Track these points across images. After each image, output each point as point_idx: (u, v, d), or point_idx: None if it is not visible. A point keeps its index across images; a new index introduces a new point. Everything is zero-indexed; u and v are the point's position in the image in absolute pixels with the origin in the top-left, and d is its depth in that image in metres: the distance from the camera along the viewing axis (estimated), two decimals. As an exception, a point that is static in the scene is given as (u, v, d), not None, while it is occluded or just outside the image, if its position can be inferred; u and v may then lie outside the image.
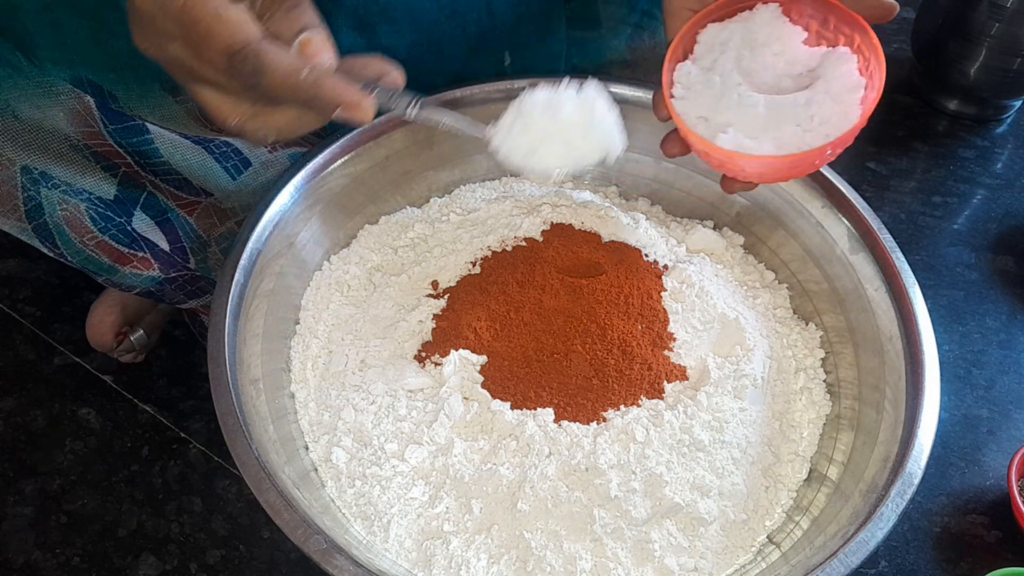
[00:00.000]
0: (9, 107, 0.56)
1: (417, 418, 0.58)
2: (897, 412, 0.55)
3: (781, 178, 0.53)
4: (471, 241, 0.67)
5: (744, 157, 0.49)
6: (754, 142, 0.50)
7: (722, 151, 0.50)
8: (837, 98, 0.50)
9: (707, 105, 0.51)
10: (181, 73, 0.43)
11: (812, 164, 0.51)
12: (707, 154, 0.52)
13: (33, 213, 0.61)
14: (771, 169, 0.51)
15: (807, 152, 0.49)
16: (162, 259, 0.67)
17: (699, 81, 0.52)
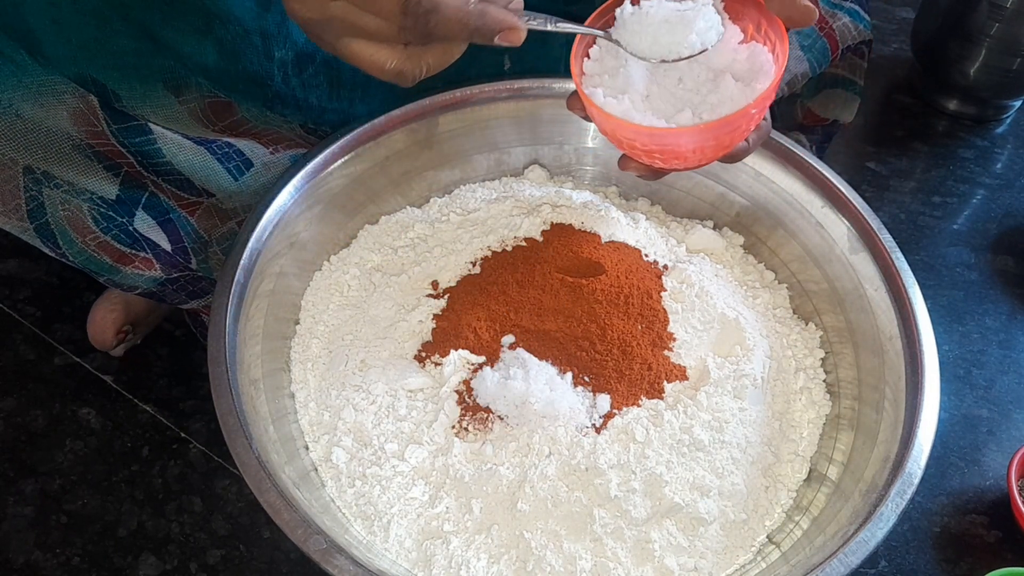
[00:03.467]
0: (12, 106, 0.56)
1: (417, 418, 0.58)
2: (897, 412, 0.55)
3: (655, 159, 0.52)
4: (471, 241, 0.67)
5: (618, 122, 0.50)
6: (641, 115, 0.51)
7: (603, 114, 0.50)
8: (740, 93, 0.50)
9: (611, 71, 0.52)
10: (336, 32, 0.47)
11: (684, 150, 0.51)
12: (594, 117, 0.53)
13: (35, 213, 0.61)
14: (642, 142, 0.51)
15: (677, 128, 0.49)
16: (164, 259, 0.67)
17: (615, 49, 0.53)
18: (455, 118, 0.70)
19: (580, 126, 0.73)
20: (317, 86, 0.67)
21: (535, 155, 0.75)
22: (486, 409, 0.57)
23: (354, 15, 0.46)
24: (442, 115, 0.69)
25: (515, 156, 0.74)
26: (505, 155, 0.74)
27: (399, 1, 0.45)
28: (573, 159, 0.75)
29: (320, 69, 0.66)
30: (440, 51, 0.49)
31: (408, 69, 0.49)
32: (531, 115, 0.71)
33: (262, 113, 0.67)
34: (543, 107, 0.71)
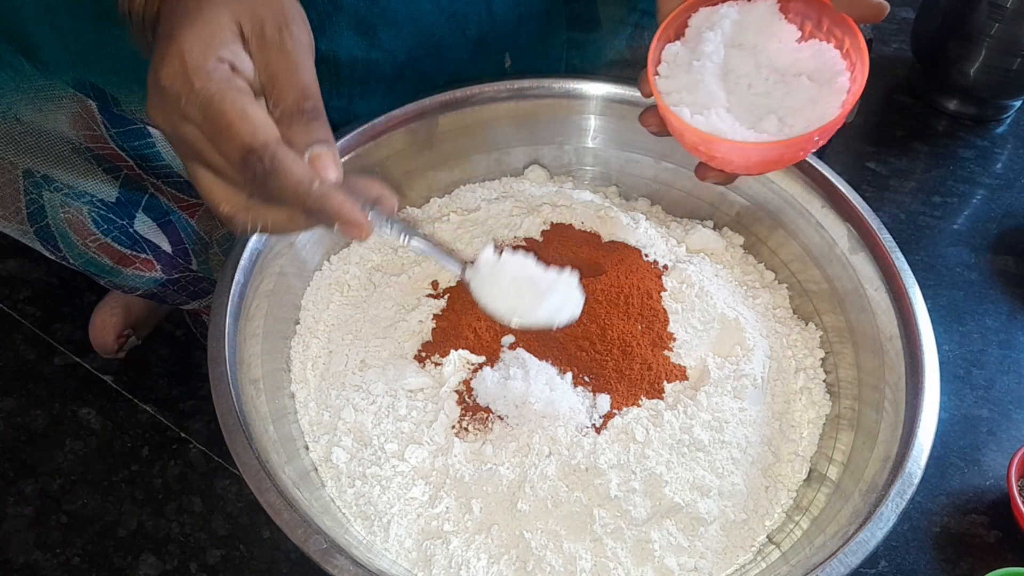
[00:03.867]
0: (12, 110, 0.56)
1: (417, 418, 0.58)
2: (897, 412, 0.55)
3: (753, 167, 0.53)
4: (471, 241, 0.67)
5: (718, 140, 0.49)
6: (730, 128, 0.50)
7: (697, 132, 0.49)
8: (819, 94, 0.50)
9: (689, 87, 0.52)
10: (185, 152, 0.44)
11: (782, 157, 0.51)
12: (682, 134, 0.52)
13: (35, 216, 0.61)
14: (742, 156, 0.50)
15: (778, 142, 0.49)
16: (164, 260, 0.67)
17: (685, 63, 0.52)
18: (455, 118, 0.70)
19: (580, 126, 0.73)
20: None
21: (535, 155, 0.75)
22: (486, 409, 0.57)
23: (202, 145, 0.42)
24: (442, 115, 0.69)
25: (515, 156, 0.74)
26: (505, 155, 0.74)
27: (240, 152, 0.41)
28: (573, 159, 0.75)
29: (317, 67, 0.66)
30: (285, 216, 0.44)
31: (240, 219, 0.45)
32: (531, 115, 0.71)
33: None
34: (543, 107, 0.71)
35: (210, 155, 0.42)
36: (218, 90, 0.41)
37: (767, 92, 0.51)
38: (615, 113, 0.71)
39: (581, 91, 0.70)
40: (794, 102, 0.50)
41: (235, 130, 0.41)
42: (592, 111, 0.71)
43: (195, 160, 0.44)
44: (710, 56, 0.51)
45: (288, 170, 0.41)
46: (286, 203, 0.42)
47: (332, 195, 0.42)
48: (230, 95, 0.41)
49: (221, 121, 0.41)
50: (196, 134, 0.42)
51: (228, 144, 0.41)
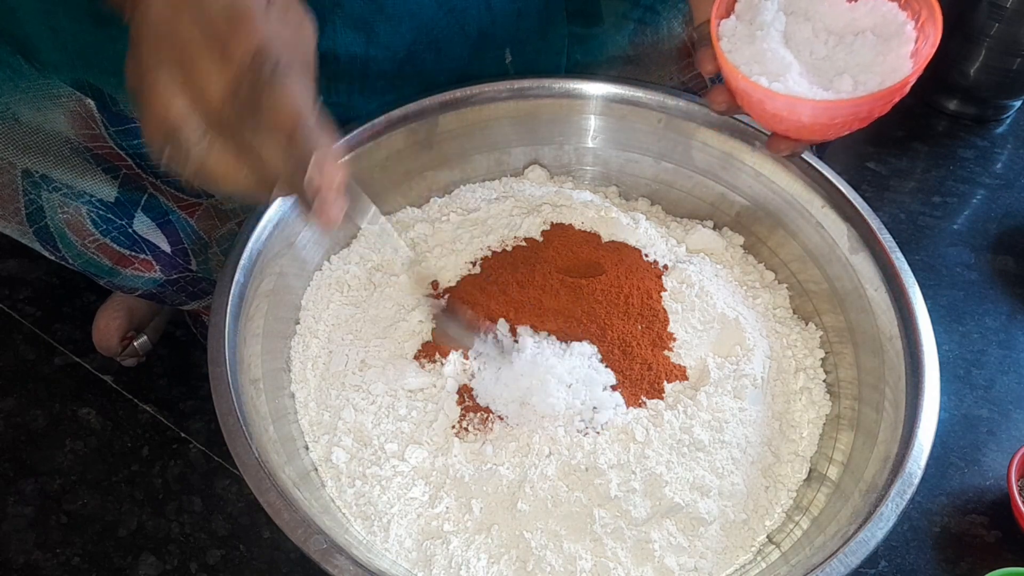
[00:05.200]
0: (10, 110, 0.56)
1: (417, 418, 0.58)
2: (897, 412, 0.55)
3: (833, 129, 0.53)
4: (471, 241, 0.67)
5: (805, 102, 0.49)
6: (809, 90, 0.50)
7: (784, 98, 0.50)
8: (886, 47, 0.51)
9: (757, 58, 0.52)
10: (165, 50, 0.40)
11: (871, 112, 0.51)
12: (762, 104, 0.52)
13: (34, 216, 0.61)
14: (827, 115, 0.50)
15: (868, 95, 0.49)
16: (163, 261, 0.67)
17: (745, 35, 0.53)
18: (455, 118, 0.70)
19: (580, 126, 0.73)
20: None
21: (535, 155, 0.75)
22: (486, 409, 0.57)
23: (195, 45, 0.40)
24: (442, 115, 0.69)
25: (515, 156, 0.74)
26: (505, 155, 0.74)
27: (255, 50, 0.39)
28: (573, 159, 0.75)
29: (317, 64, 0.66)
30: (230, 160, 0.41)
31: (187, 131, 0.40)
32: (531, 115, 0.71)
33: None
34: (543, 107, 0.71)
35: (199, 56, 0.40)
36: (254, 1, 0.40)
37: (829, 55, 0.52)
38: (615, 113, 0.71)
39: (581, 91, 0.70)
40: (862, 59, 0.51)
41: (261, 30, 0.39)
42: (592, 111, 0.71)
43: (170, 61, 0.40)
44: (772, 24, 0.52)
45: (297, 82, 0.40)
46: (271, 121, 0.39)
47: (323, 133, 0.40)
48: (261, 6, 0.40)
49: (248, 19, 0.39)
50: (195, 32, 0.40)
51: (246, 39, 0.39)
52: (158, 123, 0.41)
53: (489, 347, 0.59)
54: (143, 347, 0.83)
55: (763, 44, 0.51)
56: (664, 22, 0.73)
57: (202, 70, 0.40)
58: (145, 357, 0.84)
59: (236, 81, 0.40)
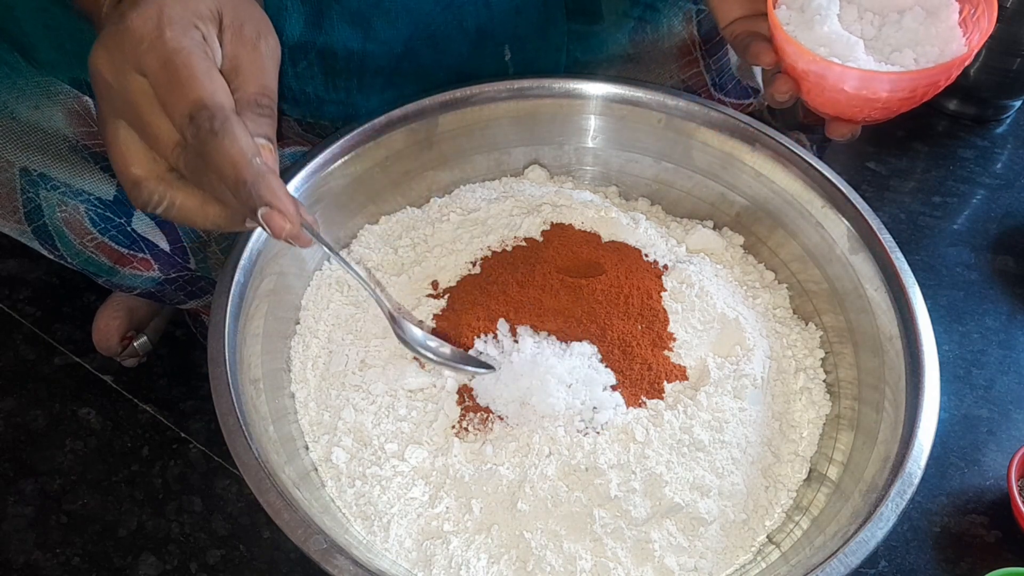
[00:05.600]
0: (7, 108, 0.56)
1: (417, 418, 0.58)
2: (897, 412, 0.55)
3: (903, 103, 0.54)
4: (471, 241, 0.67)
5: (880, 76, 0.50)
6: (878, 67, 0.52)
7: (865, 74, 0.50)
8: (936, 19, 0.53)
9: (822, 42, 0.53)
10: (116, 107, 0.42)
11: (944, 81, 0.52)
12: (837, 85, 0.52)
13: (32, 215, 0.61)
14: (907, 89, 0.51)
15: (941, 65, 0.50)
16: (162, 260, 0.67)
17: (801, 23, 0.54)
18: (455, 118, 0.69)
19: (580, 126, 0.73)
20: (312, 77, 0.67)
21: (535, 155, 0.75)
22: (486, 409, 0.57)
23: (142, 99, 0.41)
24: (442, 115, 0.69)
25: (515, 156, 0.74)
26: (505, 155, 0.74)
27: (193, 106, 0.40)
28: (573, 159, 0.75)
29: (314, 61, 0.66)
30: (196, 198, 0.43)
31: (148, 188, 0.42)
32: (531, 115, 0.71)
33: None
34: (543, 107, 0.71)
35: (147, 111, 0.41)
36: (188, 46, 0.41)
37: (878, 35, 0.54)
38: (615, 113, 0.71)
39: (581, 91, 0.70)
40: (914, 35, 0.53)
41: (195, 85, 0.40)
42: (592, 111, 0.71)
43: (122, 116, 0.42)
44: (827, 8, 0.53)
45: (236, 135, 0.40)
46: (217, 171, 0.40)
47: (271, 176, 0.41)
48: (198, 54, 0.41)
49: (183, 73, 0.40)
50: (142, 87, 0.41)
51: (181, 96, 0.40)
52: (122, 175, 0.43)
53: (489, 348, 0.59)
54: (143, 347, 0.83)
55: (824, 27, 0.52)
56: (664, 20, 0.73)
57: (153, 127, 0.41)
58: (145, 357, 0.84)
59: (181, 135, 0.41)
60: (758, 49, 0.55)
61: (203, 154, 0.40)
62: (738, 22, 0.57)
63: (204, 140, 0.40)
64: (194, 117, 0.40)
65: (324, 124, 0.72)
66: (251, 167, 0.40)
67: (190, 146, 0.41)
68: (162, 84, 0.40)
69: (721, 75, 0.77)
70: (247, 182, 0.40)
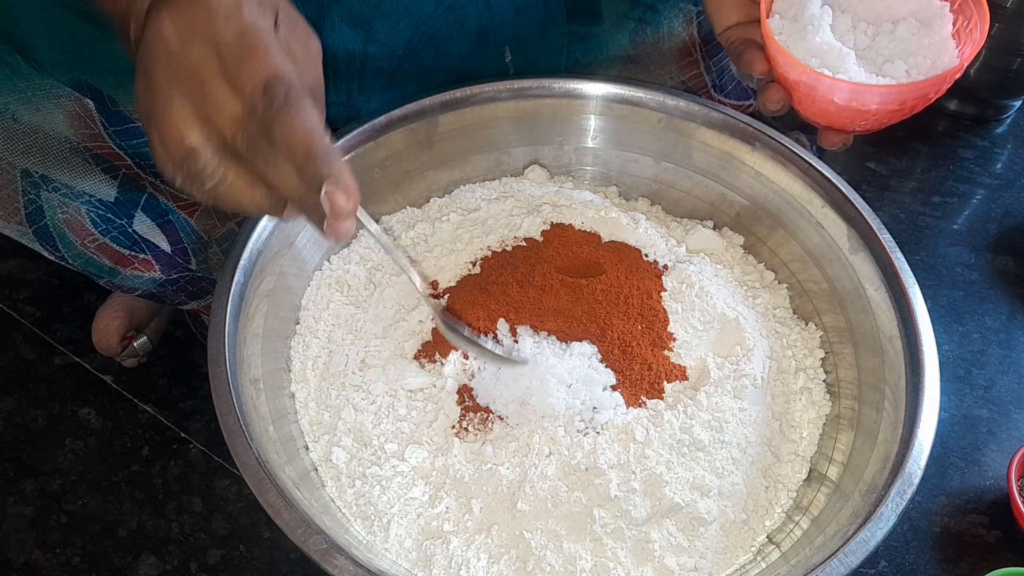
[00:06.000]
0: (8, 110, 0.56)
1: (417, 418, 0.58)
2: (897, 412, 0.55)
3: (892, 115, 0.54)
4: (471, 241, 0.67)
5: (870, 88, 0.50)
6: (869, 78, 0.52)
7: (855, 86, 0.50)
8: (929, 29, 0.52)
9: (814, 52, 0.53)
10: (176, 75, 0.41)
11: (933, 94, 0.52)
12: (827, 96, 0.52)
13: (34, 216, 0.61)
14: (897, 101, 0.51)
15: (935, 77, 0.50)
16: (163, 260, 0.67)
17: (794, 32, 0.54)
18: (455, 118, 0.70)
19: (580, 126, 0.73)
20: None
21: (535, 155, 0.75)
22: (486, 409, 0.57)
23: (208, 71, 0.40)
24: (442, 115, 0.69)
25: (515, 156, 0.74)
26: (505, 155, 0.74)
27: (268, 78, 0.39)
28: (573, 159, 0.75)
29: None
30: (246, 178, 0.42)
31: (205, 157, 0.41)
32: (531, 115, 0.71)
33: None
34: (543, 107, 0.71)
35: (211, 81, 0.40)
36: (264, 26, 0.41)
37: (870, 46, 0.54)
38: (615, 113, 0.71)
39: (581, 91, 0.70)
40: (906, 45, 0.52)
41: (272, 58, 0.40)
42: (592, 111, 0.71)
43: (180, 86, 0.41)
44: (820, 18, 0.53)
45: (310, 109, 0.40)
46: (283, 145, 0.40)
47: (339, 156, 0.41)
48: (271, 34, 0.41)
49: (259, 47, 0.40)
50: (209, 58, 0.40)
51: (257, 67, 0.40)
52: (173, 149, 0.42)
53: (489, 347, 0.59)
54: (143, 347, 0.83)
55: (816, 38, 0.52)
56: (664, 21, 0.73)
57: (214, 98, 0.40)
58: (145, 357, 0.84)
59: (248, 110, 0.40)
60: (751, 57, 0.55)
61: (273, 126, 0.40)
62: (734, 28, 0.57)
63: (277, 111, 0.39)
64: (269, 88, 0.39)
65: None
66: (322, 141, 0.40)
67: (259, 118, 0.40)
68: (234, 55, 0.40)
69: (721, 76, 0.77)
70: (318, 156, 0.40)
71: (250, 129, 0.40)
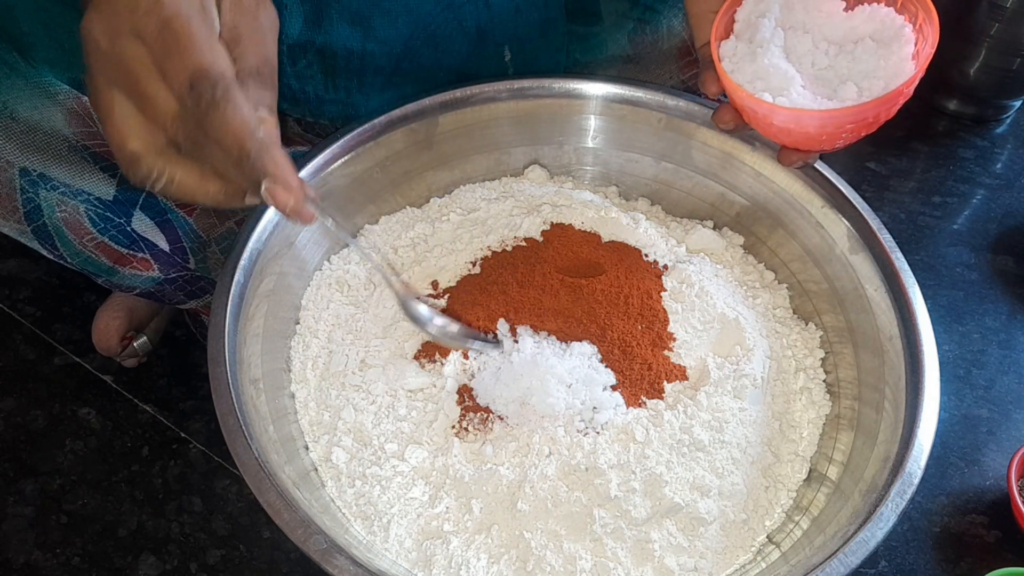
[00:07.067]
0: (7, 108, 0.55)
1: (417, 418, 0.58)
2: (897, 412, 0.55)
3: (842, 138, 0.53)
4: (471, 241, 0.67)
5: (812, 113, 0.50)
6: (813, 102, 0.51)
7: (791, 112, 0.50)
8: (888, 51, 0.51)
9: (760, 75, 0.53)
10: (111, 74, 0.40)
11: (877, 117, 0.52)
12: (768, 120, 0.52)
13: (32, 215, 0.61)
14: (834, 124, 0.51)
15: (870, 102, 0.50)
16: (162, 259, 0.67)
17: (746, 54, 0.53)
18: (455, 118, 0.70)
19: (580, 126, 0.73)
20: (312, 77, 0.67)
21: (535, 155, 0.75)
22: (486, 409, 0.57)
23: (139, 66, 0.39)
24: (442, 115, 0.69)
25: (515, 156, 0.74)
26: (505, 155, 0.74)
27: (194, 74, 0.38)
28: (573, 159, 0.75)
29: (313, 60, 0.66)
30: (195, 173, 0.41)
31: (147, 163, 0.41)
32: (531, 115, 0.71)
33: None
34: (543, 107, 0.71)
35: (145, 78, 0.39)
36: (186, 11, 0.39)
37: (831, 65, 0.53)
38: (615, 113, 0.71)
39: (581, 91, 0.70)
40: (864, 66, 0.52)
41: (195, 51, 0.38)
42: (592, 111, 0.71)
43: (118, 85, 0.40)
44: (772, 41, 0.53)
45: (238, 105, 0.39)
46: (218, 141, 0.39)
47: (275, 148, 0.40)
48: (196, 19, 0.39)
49: (182, 40, 0.38)
50: (138, 52, 0.39)
51: (181, 64, 0.38)
52: (118, 154, 0.41)
53: (489, 348, 0.59)
54: (143, 347, 0.83)
55: (764, 60, 0.52)
56: (664, 21, 0.73)
57: (150, 95, 0.40)
58: (145, 357, 0.84)
59: (180, 104, 0.39)
60: (707, 78, 0.55)
61: (204, 124, 0.39)
62: (708, 45, 0.57)
63: (205, 110, 0.38)
64: (195, 85, 0.38)
65: (324, 124, 0.72)
66: (254, 138, 0.39)
67: (190, 115, 0.39)
68: (160, 50, 0.39)
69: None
70: (250, 154, 0.39)
71: (188, 125, 0.40)
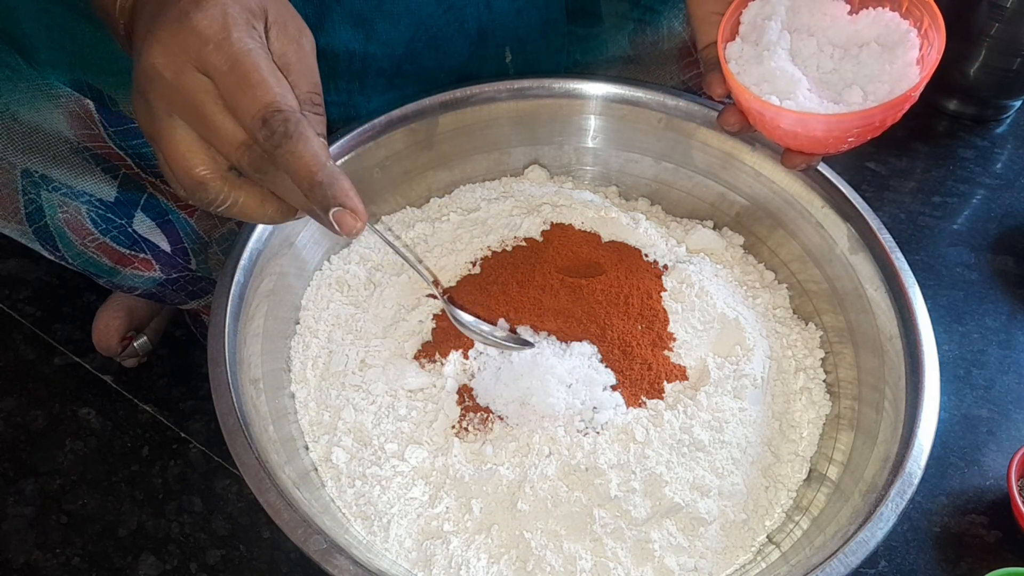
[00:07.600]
0: (9, 110, 0.56)
1: (417, 418, 0.58)
2: (897, 412, 0.55)
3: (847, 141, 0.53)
4: (471, 241, 0.67)
5: (817, 117, 0.50)
6: (819, 105, 0.51)
7: (797, 115, 0.50)
8: (892, 56, 0.51)
9: (767, 77, 0.53)
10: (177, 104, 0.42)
11: (883, 122, 0.52)
12: (775, 122, 0.52)
13: (34, 216, 0.61)
14: (840, 128, 0.51)
15: (877, 106, 0.50)
16: (163, 260, 0.67)
17: (752, 56, 0.53)
18: (455, 118, 0.70)
19: (580, 126, 0.73)
20: None
21: (535, 155, 0.75)
22: (486, 409, 0.57)
23: (205, 98, 0.41)
24: (442, 115, 0.69)
25: (515, 156, 0.74)
26: (505, 155, 0.74)
27: (266, 109, 0.40)
28: (573, 159, 0.75)
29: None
30: (256, 196, 0.44)
31: (214, 187, 0.43)
32: (531, 115, 0.71)
33: None
34: (543, 107, 0.71)
35: (211, 110, 0.41)
36: (254, 48, 0.41)
37: (836, 69, 0.53)
38: (615, 113, 0.71)
39: (581, 91, 0.70)
40: (869, 70, 0.52)
41: (266, 88, 0.40)
42: (592, 111, 0.71)
43: (179, 114, 0.42)
44: (778, 44, 0.53)
45: (309, 139, 0.41)
46: (289, 171, 0.41)
47: (344, 178, 0.42)
48: (264, 56, 0.42)
49: (254, 75, 0.40)
50: (205, 85, 0.41)
51: (253, 99, 0.40)
52: (182, 177, 0.43)
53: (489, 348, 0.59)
54: (143, 347, 0.83)
55: (770, 63, 0.52)
56: (664, 21, 0.73)
57: (216, 127, 0.42)
58: (145, 357, 0.84)
59: (250, 136, 0.41)
60: (712, 79, 0.56)
61: (276, 156, 0.41)
62: (711, 47, 0.57)
63: (278, 143, 0.40)
64: (267, 120, 0.40)
65: None
66: (325, 169, 0.41)
67: (261, 147, 0.41)
68: (231, 85, 0.41)
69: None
70: (323, 184, 0.41)
71: (255, 154, 0.42)
